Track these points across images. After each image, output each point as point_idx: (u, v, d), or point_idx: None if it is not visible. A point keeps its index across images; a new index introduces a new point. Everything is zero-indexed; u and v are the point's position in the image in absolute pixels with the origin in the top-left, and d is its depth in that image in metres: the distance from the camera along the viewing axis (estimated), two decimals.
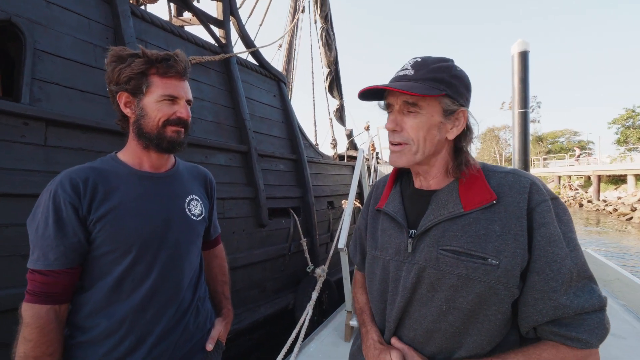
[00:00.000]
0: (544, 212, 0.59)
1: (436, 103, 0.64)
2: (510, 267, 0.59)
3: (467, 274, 0.61)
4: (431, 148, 0.67)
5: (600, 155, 25.92)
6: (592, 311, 0.57)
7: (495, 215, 0.61)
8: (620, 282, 3.77)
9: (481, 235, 0.61)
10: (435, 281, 0.64)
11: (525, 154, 3.87)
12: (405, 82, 0.65)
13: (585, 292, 0.58)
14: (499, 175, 0.65)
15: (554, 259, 0.58)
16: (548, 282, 0.58)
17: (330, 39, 7.47)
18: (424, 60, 0.66)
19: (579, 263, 0.59)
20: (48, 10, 1.93)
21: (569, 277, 0.58)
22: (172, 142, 0.89)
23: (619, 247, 11.14)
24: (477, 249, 0.60)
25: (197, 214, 0.98)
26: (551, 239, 0.58)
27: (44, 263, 0.77)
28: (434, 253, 0.65)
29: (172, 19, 3.99)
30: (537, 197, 0.60)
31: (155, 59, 0.85)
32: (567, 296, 0.57)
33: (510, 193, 0.61)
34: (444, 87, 0.63)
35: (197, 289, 0.99)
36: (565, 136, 42.53)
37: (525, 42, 3.83)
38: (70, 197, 0.78)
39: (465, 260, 0.61)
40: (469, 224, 0.63)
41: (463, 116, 0.66)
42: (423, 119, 0.65)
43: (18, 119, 1.71)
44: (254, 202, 3.19)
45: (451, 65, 0.66)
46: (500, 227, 0.60)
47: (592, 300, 0.57)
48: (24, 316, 0.76)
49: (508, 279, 0.59)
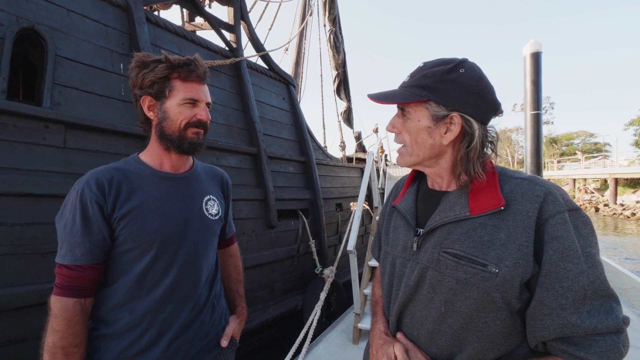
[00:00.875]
0: (557, 225, 0.56)
1: (423, 108, 0.66)
2: (509, 277, 0.57)
3: (466, 279, 0.61)
4: (425, 151, 0.68)
5: (618, 158, 25.18)
6: (607, 332, 0.54)
7: (502, 222, 0.60)
8: (637, 291, 3.66)
9: (485, 241, 0.60)
10: (435, 283, 0.65)
11: (538, 157, 3.80)
12: (395, 90, 0.69)
13: (602, 312, 0.55)
14: (514, 182, 0.63)
15: (565, 275, 0.55)
16: (557, 298, 0.55)
17: (339, 42, 7.51)
18: (424, 65, 0.68)
19: (597, 281, 0.55)
20: (68, 18, 2.01)
21: (581, 295, 0.55)
22: (192, 144, 0.92)
23: (638, 253, 10.79)
24: (479, 255, 0.60)
25: (214, 214, 1.01)
26: (564, 254, 0.56)
27: (71, 258, 0.81)
28: (436, 254, 0.65)
29: (185, 24, 4.09)
30: (551, 208, 0.57)
31: (177, 64, 0.89)
32: (579, 315, 0.54)
33: (521, 201, 0.59)
34: (426, 93, 0.64)
35: (214, 286, 1.02)
36: (581, 138, 41.51)
37: (537, 43, 3.76)
38: (96, 196, 0.82)
39: (465, 265, 0.61)
40: (473, 229, 0.62)
41: (457, 121, 0.64)
42: (411, 124, 0.68)
43: (40, 122, 1.79)
44: (264, 204, 3.23)
45: (447, 69, 0.64)
46: (506, 235, 0.59)
47: (608, 321, 0.54)
48: (52, 308, 0.80)
49: (506, 289, 0.57)
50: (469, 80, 0.64)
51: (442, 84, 0.63)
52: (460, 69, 0.64)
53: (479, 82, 0.64)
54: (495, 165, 0.69)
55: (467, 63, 0.66)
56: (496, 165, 0.69)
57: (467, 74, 0.64)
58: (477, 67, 0.66)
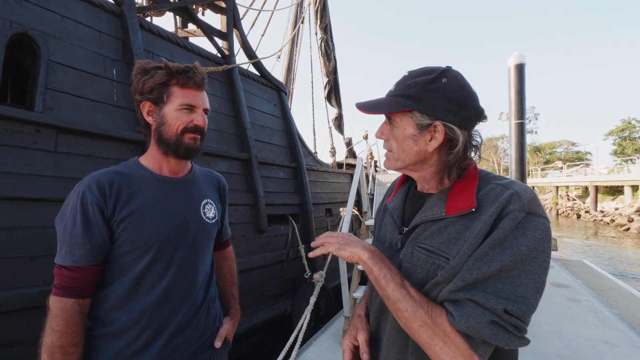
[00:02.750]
0: (507, 220, 0.58)
1: (407, 117, 0.68)
2: (454, 265, 0.61)
3: (433, 271, 0.65)
4: (410, 157, 0.71)
5: (598, 166, 26.10)
6: (483, 307, 0.56)
7: (471, 222, 0.63)
8: (615, 292, 3.83)
9: (452, 238, 0.64)
10: (407, 274, 0.69)
11: (522, 164, 3.95)
12: (381, 99, 0.73)
13: (494, 295, 0.56)
14: (490, 186, 0.65)
15: (481, 257, 0.58)
16: (463, 272, 0.58)
17: (330, 50, 7.64)
18: (409, 74, 0.70)
19: (512, 277, 0.56)
20: (62, 23, 2.03)
21: (485, 277, 0.57)
22: (188, 149, 0.94)
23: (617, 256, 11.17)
24: (445, 250, 0.64)
25: (211, 217, 1.03)
26: (494, 242, 0.58)
27: (71, 259, 0.82)
28: (410, 249, 0.70)
29: (178, 30, 4.12)
30: (510, 207, 0.59)
31: (176, 71, 0.91)
32: (471, 288, 0.57)
33: (491, 203, 0.62)
34: (410, 102, 0.66)
35: (209, 288, 1.04)
36: (563, 146, 42.87)
37: (521, 55, 3.93)
38: (97, 199, 0.84)
39: (434, 258, 0.65)
40: (445, 227, 0.66)
41: (440, 129, 0.66)
42: (397, 132, 0.71)
43: (31, 126, 1.79)
44: (254, 209, 3.25)
45: (429, 79, 0.66)
46: (470, 232, 0.62)
47: (491, 300, 0.55)
48: (51, 308, 0.81)
49: (450, 275, 0.61)
50: (451, 89, 0.65)
51: (425, 94, 0.66)
52: (442, 78, 0.66)
53: (461, 90, 0.66)
54: (480, 170, 0.71)
55: (449, 72, 0.67)
56: (481, 170, 0.71)
57: (450, 83, 0.66)
58: (460, 75, 0.68)
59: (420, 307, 0.61)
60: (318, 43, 7.58)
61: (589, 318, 2.94)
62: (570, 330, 2.71)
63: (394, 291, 0.63)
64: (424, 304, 0.61)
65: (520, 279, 0.56)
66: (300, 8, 7.62)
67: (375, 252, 0.68)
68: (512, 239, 0.58)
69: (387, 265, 0.66)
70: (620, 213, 19.35)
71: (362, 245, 0.69)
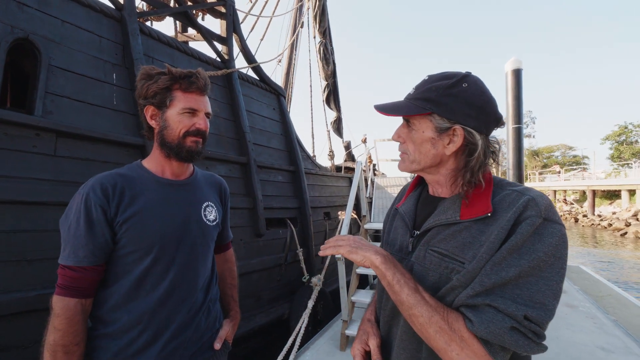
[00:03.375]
0: (524, 225, 0.58)
1: (427, 120, 0.69)
2: (471, 269, 0.60)
3: (447, 274, 0.65)
4: (427, 160, 0.71)
5: (595, 170, 26.24)
6: (503, 313, 0.55)
7: (486, 227, 0.62)
8: (612, 298, 3.84)
9: (467, 242, 0.63)
10: (419, 278, 0.68)
11: (520, 169, 3.96)
12: (401, 102, 0.73)
13: (514, 301, 0.55)
14: (505, 192, 0.65)
15: (499, 262, 0.58)
16: (481, 276, 0.58)
17: (329, 53, 7.69)
18: (429, 78, 0.71)
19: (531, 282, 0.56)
20: (63, 28, 2.05)
21: (504, 282, 0.56)
22: (190, 152, 0.96)
23: (615, 259, 11.21)
24: (459, 254, 0.64)
25: (212, 220, 1.05)
26: (512, 247, 0.58)
27: (74, 260, 0.84)
28: (423, 252, 0.70)
29: (178, 35, 4.15)
30: (527, 212, 0.59)
31: (179, 76, 0.93)
32: (489, 293, 0.57)
33: (507, 209, 0.62)
34: (430, 106, 0.67)
35: (209, 290, 1.05)
36: (561, 151, 43.07)
37: (518, 60, 3.96)
38: (100, 201, 0.85)
39: (447, 261, 0.65)
40: (459, 231, 0.66)
41: (459, 133, 0.67)
42: (416, 135, 0.71)
43: (31, 130, 1.80)
44: (252, 212, 3.26)
45: (450, 83, 0.66)
46: (486, 237, 0.61)
47: (511, 306, 0.55)
48: (54, 307, 0.83)
49: (466, 280, 0.61)
50: (472, 94, 0.66)
51: (446, 98, 0.66)
52: (463, 83, 0.66)
53: (482, 96, 0.66)
54: (494, 177, 0.71)
55: (470, 77, 0.68)
56: (495, 176, 0.71)
57: (470, 88, 0.66)
58: (480, 81, 0.69)
59: (435, 312, 0.60)
60: (317, 47, 7.63)
61: (586, 324, 2.95)
62: (567, 336, 2.72)
63: (408, 296, 0.62)
64: (439, 309, 0.61)
65: (538, 285, 0.56)
66: (300, 13, 7.67)
67: (387, 257, 0.68)
68: (530, 244, 0.58)
69: (400, 270, 0.66)
70: (617, 217, 19.43)
71: (374, 250, 0.69)
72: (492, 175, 0.71)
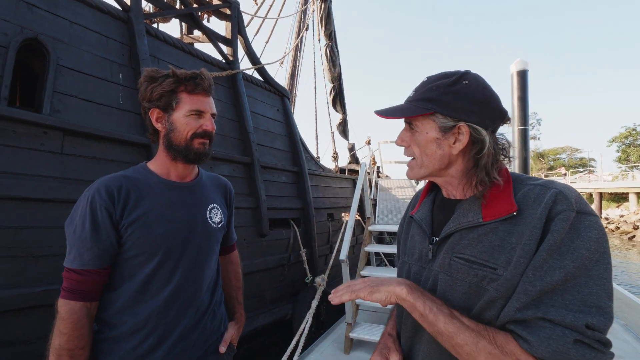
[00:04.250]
0: (559, 221, 0.54)
1: (430, 121, 0.67)
2: (510, 277, 0.56)
3: (477, 283, 0.60)
4: (435, 162, 0.68)
5: (602, 173, 25.93)
6: (561, 325, 0.50)
7: (514, 227, 0.59)
8: (621, 302, 3.76)
9: (495, 246, 0.59)
10: (447, 288, 0.64)
11: (526, 171, 3.92)
12: (402, 105, 0.72)
13: (568, 309, 0.51)
14: (527, 187, 0.62)
15: (541, 265, 0.54)
16: (525, 284, 0.54)
17: (335, 56, 7.72)
18: (428, 79, 0.69)
19: (580, 284, 0.52)
20: (71, 29, 2.09)
21: (551, 288, 0.52)
22: (198, 154, 0.95)
23: (623, 262, 11.04)
24: (489, 259, 0.59)
25: (217, 222, 1.04)
26: (551, 247, 0.54)
27: (79, 263, 0.83)
28: (447, 260, 0.66)
29: (183, 37, 4.19)
30: (559, 207, 0.56)
31: (184, 78, 0.92)
32: (539, 304, 0.52)
33: (533, 205, 0.58)
34: (432, 105, 0.65)
35: (215, 293, 1.05)
36: (567, 153, 42.64)
37: (524, 62, 3.93)
38: (106, 203, 0.85)
39: (476, 268, 0.60)
40: (485, 234, 0.62)
41: (465, 131, 0.64)
42: (420, 137, 0.69)
43: (38, 128, 1.83)
44: (256, 212, 3.27)
45: (450, 82, 0.65)
46: (516, 238, 0.57)
47: (568, 316, 0.50)
48: (59, 311, 0.82)
49: (506, 289, 0.56)
50: (474, 90, 0.64)
51: (447, 96, 0.64)
52: (463, 80, 0.65)
53: (484, 91, 0.65)
54: (511, 172, 0.68)
55: (470, 74, 0.66)
56: (512, 172, 0.68)
57: (471, 84, 0.65)
58: (481, 77, 0.67)
59: (481, 337, 0.55)
60: (323, 49, 7.67)
61: None
62: None
63: (446, 324, 0.57)
64: (483, 332, 0.56)
65: (589, 287, 0.52)
66: (304, 15, 7.73)
67: (412, 286, 0.63)
68: (569, 242, 0.54)
69: (430, 298, 0.61)
70: (625, 220, 19.14)
71: (396, 282, 0.64)
72: (510, 171, 0.68)
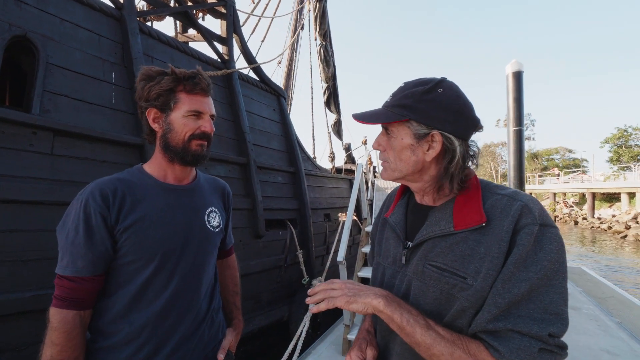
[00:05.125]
0: (524, 235, 0.58)
1: (405, 127, 0.68)
2: (480, 288, 0.59)
3: (448, 290, 0.63)
4: (408, 167, 0.70)
5: (594, 173, 26.27)
6: (528, 336, 0.55)
7: (483, 237, 0.62)
8: (615, 300, 3.80)
9: (466, 255, 0.62)
10: (419, 293, 0.67)
11: (521, 171, 3.94)
12: (378, 110, 0.73)
13: (533, 320, 0.55)
14: (495, 197, 0.65)
15: (509, 278, 0.57)
16: (494, 297, 0.58)
17: (329, 56, 7.69)
18: (405, 85, 0.71)
19: (542, 294, 0.56)
20: (61, 27, 2.03)
21: (518, 299, 0.56)
22: (196, 156, 0.92)
23: (615, 261, 11.18)
24: (460, 268, 0.62)
25: (216, 226, 1.01)
26: (517, 261, 0.57)
27: (72, 270, 0.79)
28: (421, 267, 0.68)
29: (178, 35, 4.14)
30: (524, 220, 0.59)
31: (183, 77, 0.89)
32: (507, 315, 0.57)
33: (500, 217, 0.62)
34: (407, 112, 0.66)
35: (213, 299, 1.02)
36: (560, 153, 43.18)
37: (519, 63, 3.95)
38: (100, 207, 0.81)
39: (448, 276, 0.63)
40: (456, 243, 0.64)
41: (438, 139, 0.66)
42: (395, 142, 0.70)
43: (27, 129, 1.78)
44: (252, 213, 3.23)
45: (425, 89, 0.66)
46: (484, 249, 0.61)
47: (533, 327, 0.55)
48: (51, 320, 0.78)
49: (476, 299, 0.60)
50: (447, 99, 0.66)
51: (422, 104, 0.66)
52: (438, 88, 0.66)
53: (457, 100, 0.67)
54: (480, 180, 0.71)
55: (445, 82, 0.68)
56: (481, 180, 0.71)
57: (445, 93, 0.66)
58: (455, 85, 0.69)
59: (456, 347, 0.59)
60: (317, 49, 7.64)
61: (590, 326, 2.91)
62: (570, 339, 2.64)
63: (423, 336, 0.60)
64: (457, 341, 0.59)
65: (550, 295, 0.57)
66: (300, 14, 7.69)
67: (389, 297, 0.65)
68: (532, 254, 0.58)
69: (406, 309, 0.63)
70: (617, 220, 19.41)
71: (373, 293, 0.66)
72: (479, 179, 0.71)
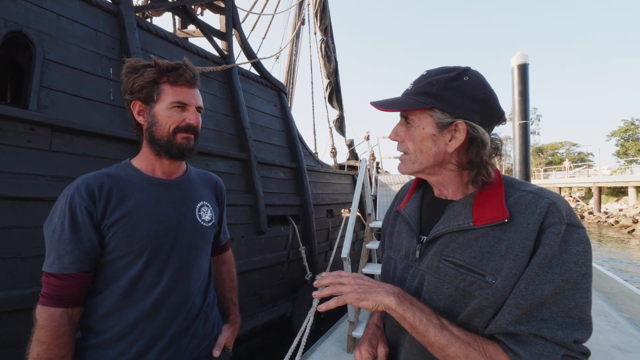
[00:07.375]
0: (550, 234, 0.55)
1: (427, 116, 0.65)
2: (501, 287, 0.56)
3: (464, 287, 0.60)
4: (429, 159, 0.66)
5: (601, 167, 25.96)
6: (552, 341, 0.52)
7: (505, 234, 0.59)
8: (625, 295, 3.73)
9: (485, 252, 0.59)
10: (433, 289, 0.64)
11: (526, 165, 3.88)
12: (399, 98, 0.69)
13: (557, 324, 0.53)
14: (519, 193, 0.62)
15: (533, 279, 0.54)
16: (516, 298, 0.55)
17: (330, 51, 7.63)
18: (428, 73, 0.67)
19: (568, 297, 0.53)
20: (58, 22, 2.01)
21: (541, 302, 0.54)
22: (181, 149, 0.90)
23: (623, 255, 11.06)
24: (478, 265, 0.59)
25: (207, 220, 0.99)
26: (543, 261, 0.54)
27: (59, 267, 0.78)
28: (436, 262, 0.65)
29: (177, 31, 4.11)
30: (550, 219, 0.56)
31: (166, 68, 0.88)
32: (530, 318, 0.54)
33: (524, 213, 0.58)
34: (431, 100, 0.63)
35: (207, 295, 1.00)
36: (565, 147, 42.70)
37: (524, 55, 3.87)
38: (86, 202, 0.80)
39: (464, 273, 0.61)
40: (475, 239, 0.61)
41: (462, 128, 0.63)
42: (415, 132, 0.67)
43: (25, 125, 1.77)
44: (253, 209, 3.22)
45: (450, 77, 0.63)
46: (505, 246, 0.58)
47: (557, 332, 0.52)
48: (38, 318, 0.77)
49: (496, 299, 0.57)
50: (474, 87, 0.63)
51: (447, 92, 0.63)
52: (464, 76, 0.64)
53: (484, 89, 0.64)
54: (503, 175, 0.68)
55: (470, 71, 0.65)
56: (504, 175, 0.68)
57: (472, 81, 0.63)
58: (481, 75, 0.66)
59: (471, 349, 0.56)
60: (318, 44, 7.58)
61: (600, 323, 2.85)
62: None
63: (436, 337, 0.57)
64: (473, 343, 0.56)
65: (575, 299, 0.54)
66: (300, 9, 7.63)
67: (401, 295, 0.62)
68: (558, 255, 0.55)
69: (419, 307, 0.60)
70: (624, 214, 19.16)
71: (384, 290, 0.62)
72: (502, 174, 0.67)
